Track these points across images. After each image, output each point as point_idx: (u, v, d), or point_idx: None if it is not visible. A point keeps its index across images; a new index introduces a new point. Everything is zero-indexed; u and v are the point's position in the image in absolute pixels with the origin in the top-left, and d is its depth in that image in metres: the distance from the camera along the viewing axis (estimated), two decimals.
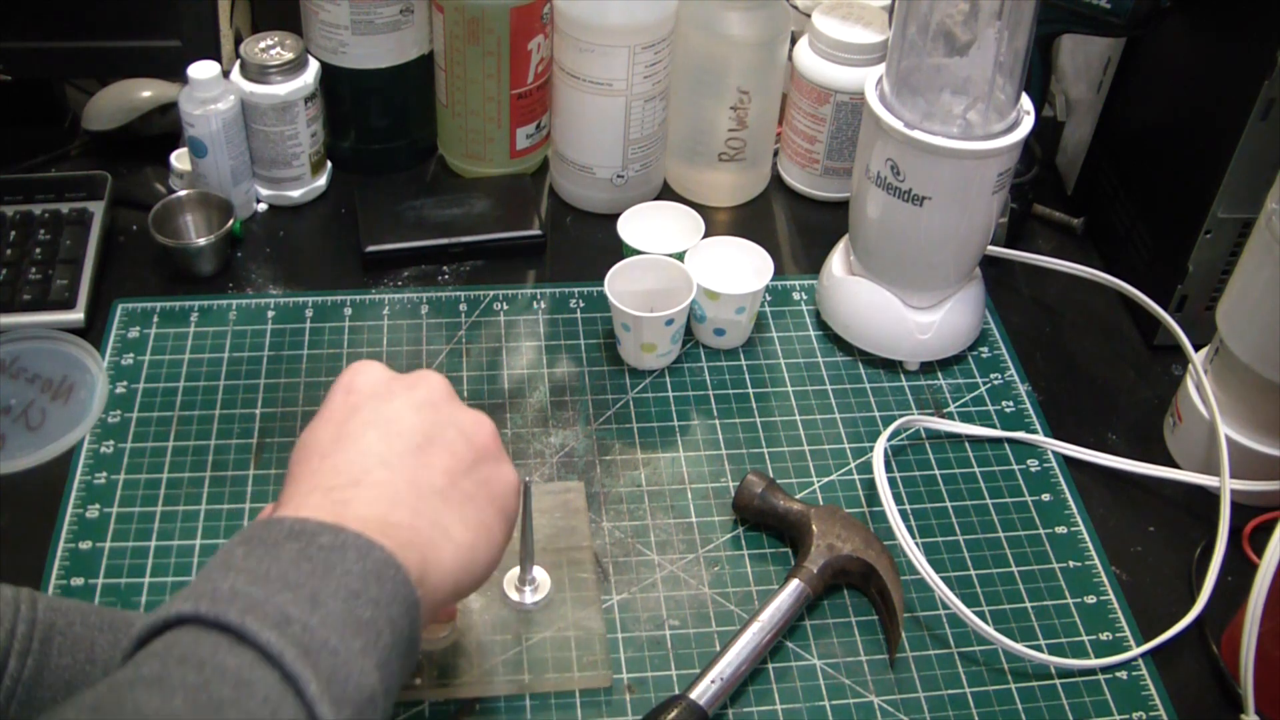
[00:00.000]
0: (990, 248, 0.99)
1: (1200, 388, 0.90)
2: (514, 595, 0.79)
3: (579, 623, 0.79)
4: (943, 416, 0.95)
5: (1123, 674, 0.79)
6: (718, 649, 0.76)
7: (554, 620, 0.79)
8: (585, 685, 0.76)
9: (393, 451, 0.57)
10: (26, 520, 0.83)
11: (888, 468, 0.89)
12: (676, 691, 0.75)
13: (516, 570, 0.79)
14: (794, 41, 1.10)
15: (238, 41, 1.11)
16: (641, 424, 0.93)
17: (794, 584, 0.79)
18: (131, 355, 0.95)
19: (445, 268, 1.05)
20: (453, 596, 0.56)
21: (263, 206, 1.10)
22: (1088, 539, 0.87)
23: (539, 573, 0.80)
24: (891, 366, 0.99)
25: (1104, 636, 0.81)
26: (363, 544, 0.50)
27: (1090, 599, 0.83)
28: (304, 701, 0.44)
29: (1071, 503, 0.89)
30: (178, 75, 1.03)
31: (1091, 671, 0.79)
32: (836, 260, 1.01)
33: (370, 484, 0.55)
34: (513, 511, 0.61)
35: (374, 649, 0.47)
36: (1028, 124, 0.89)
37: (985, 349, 1.01)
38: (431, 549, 0.53)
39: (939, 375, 0.98)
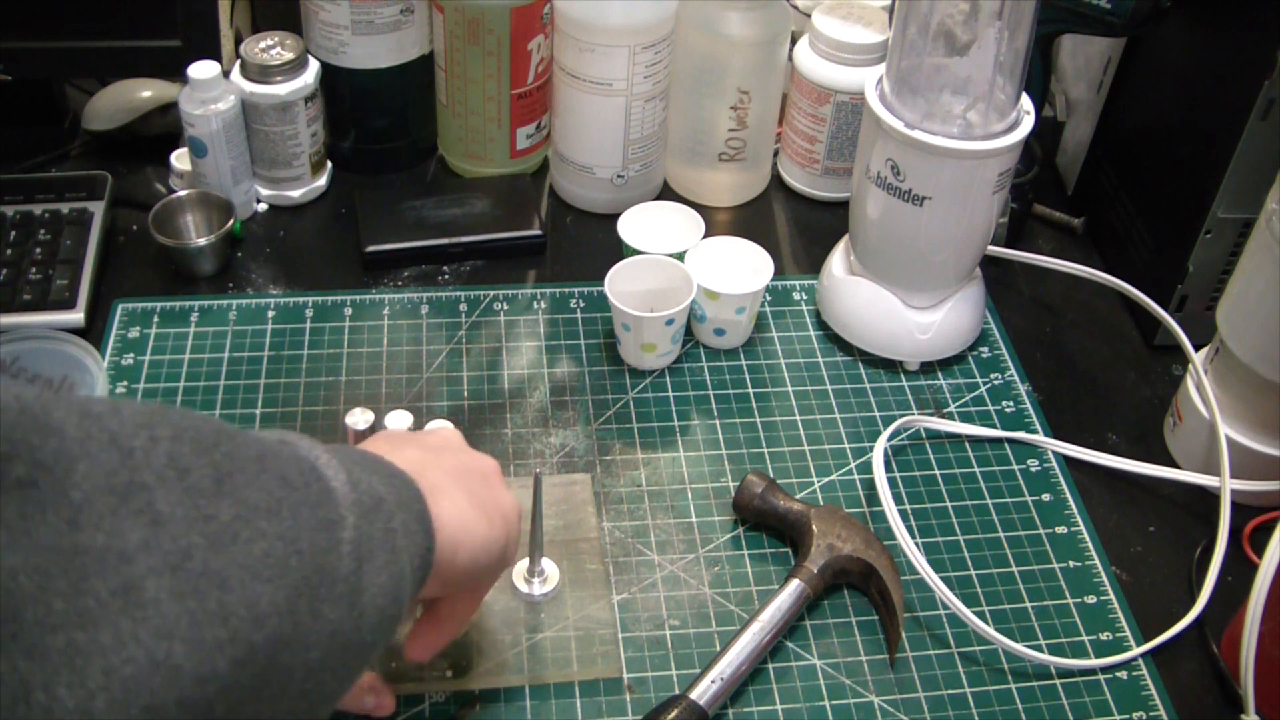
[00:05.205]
0: (990, 248, 0.99)
1: (1200, 388, 0.90)
2: (523, 587, 0.80)
3: (589, 613, 0.79)
4: (943, 416, 0.95)
5: (1123, 674, 0.79)
6: (718, 649, 0.76)
7: (564, 611, 0.79)
8: (597, 675, 0.76)
9: (403, 452, 0.65)
10: None
11: (888, 468, 0.89)
12: (677, 691, 0.75)
13: (525, 562, 0.80)
14: (794, 41, 1.10)
15: (238, 41, 1.11)
16: (641, 424, 0.93)
17: (794, 584, 0.79)
18: (131, 355, 0.95)
19: (445, 268, 1.05)
20: (464, 562, 0.63)
21: (263, 206, 1.10)
22: (1088, 539, 0.87)
23: (547, 564, 0.80)
24: (891, 366, 0.99)
25: (1104, 636, 0.81)
26: (392, 465, 0.60)
27: (1090, 599, 0.83)
28: (315, 460, 0.54)
29: (1071, 503, 0.89)
30: (178, 75, 1.03)
31: (1091, 671, 0.79)
32: (836, 260, 1.01)
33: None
34: (514, 530, 0.68)
35: (393, 508, 0.57)
36: (1028, 124, 0.89)
37: (985, 349, 1.01)
38: (433, 499, 0.61)
39: (939, 375, 0.98)
